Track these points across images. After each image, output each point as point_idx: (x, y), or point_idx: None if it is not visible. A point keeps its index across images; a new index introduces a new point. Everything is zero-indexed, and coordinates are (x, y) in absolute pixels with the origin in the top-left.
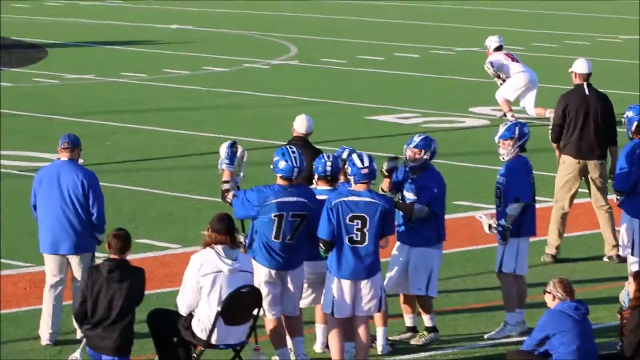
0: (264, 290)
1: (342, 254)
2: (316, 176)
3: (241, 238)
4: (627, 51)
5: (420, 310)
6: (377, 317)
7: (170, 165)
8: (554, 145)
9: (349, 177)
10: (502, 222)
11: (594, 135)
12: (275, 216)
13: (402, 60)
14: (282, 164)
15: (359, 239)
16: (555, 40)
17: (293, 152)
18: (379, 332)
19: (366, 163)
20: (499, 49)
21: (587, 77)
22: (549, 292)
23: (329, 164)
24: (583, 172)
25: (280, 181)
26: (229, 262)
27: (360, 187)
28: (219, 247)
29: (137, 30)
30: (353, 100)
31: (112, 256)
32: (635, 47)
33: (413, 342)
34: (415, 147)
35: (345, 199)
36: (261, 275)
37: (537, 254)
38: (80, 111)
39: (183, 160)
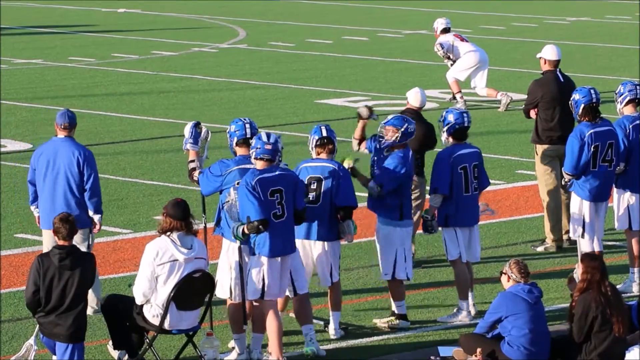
0: (233, 272)
1: (271, 231)
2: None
3: (200, 223)
4: (573, 33)
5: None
6: (331, 302)
7: (120, 150)
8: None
9: (251, 150)
10: (424, 213)
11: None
12: (238, 183)
13: (350, 43)
14: (232, 127)
15: (280, 213)
16: (503, 22)
17: (244, 118)
18: (333, 316)
19: (272, 140)
20: (446, 31)
21: (557, 63)
22: (505, 273)
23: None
24: (560, 158)
25: (240, 151)
26: (185, 250)
27: (264, 164)
28: (175, 235)
29: (84, 14)
30: (302, 84)
31: (61, 243)
32: (582, 29)
33: (379, 323)
34: (388, 124)
35: (260, 176)
36: (232, 253)
37: (487, 237)
38: (29, 96)
39: (133, 145)
